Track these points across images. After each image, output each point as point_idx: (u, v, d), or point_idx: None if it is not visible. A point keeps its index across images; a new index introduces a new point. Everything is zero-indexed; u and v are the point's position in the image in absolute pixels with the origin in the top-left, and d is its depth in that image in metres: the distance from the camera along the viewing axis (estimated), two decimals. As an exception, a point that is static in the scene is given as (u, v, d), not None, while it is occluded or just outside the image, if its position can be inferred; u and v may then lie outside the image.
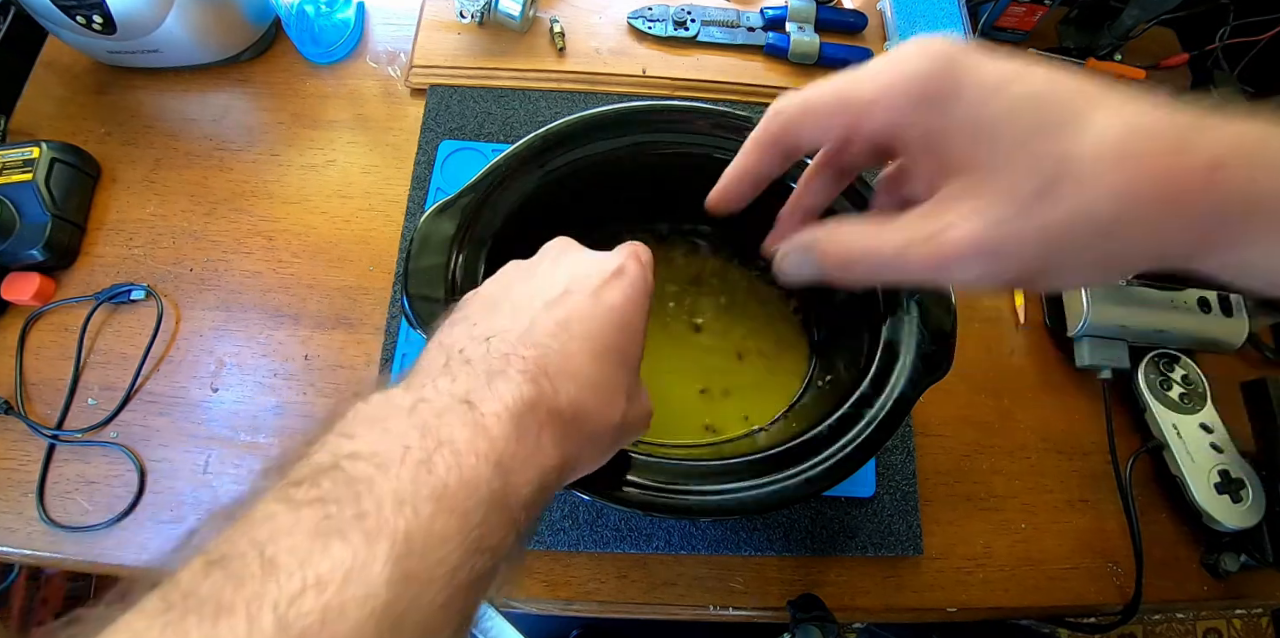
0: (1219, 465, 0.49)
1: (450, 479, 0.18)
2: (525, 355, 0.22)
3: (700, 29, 0.61)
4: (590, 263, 0.28)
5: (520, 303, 0.25)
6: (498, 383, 0.21)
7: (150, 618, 0.14)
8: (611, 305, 0.26)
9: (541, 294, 0.25)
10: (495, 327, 0.24)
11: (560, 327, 0.24)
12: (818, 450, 0.35)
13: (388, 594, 0.15)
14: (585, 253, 0.29)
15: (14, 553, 0.44)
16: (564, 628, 0.79)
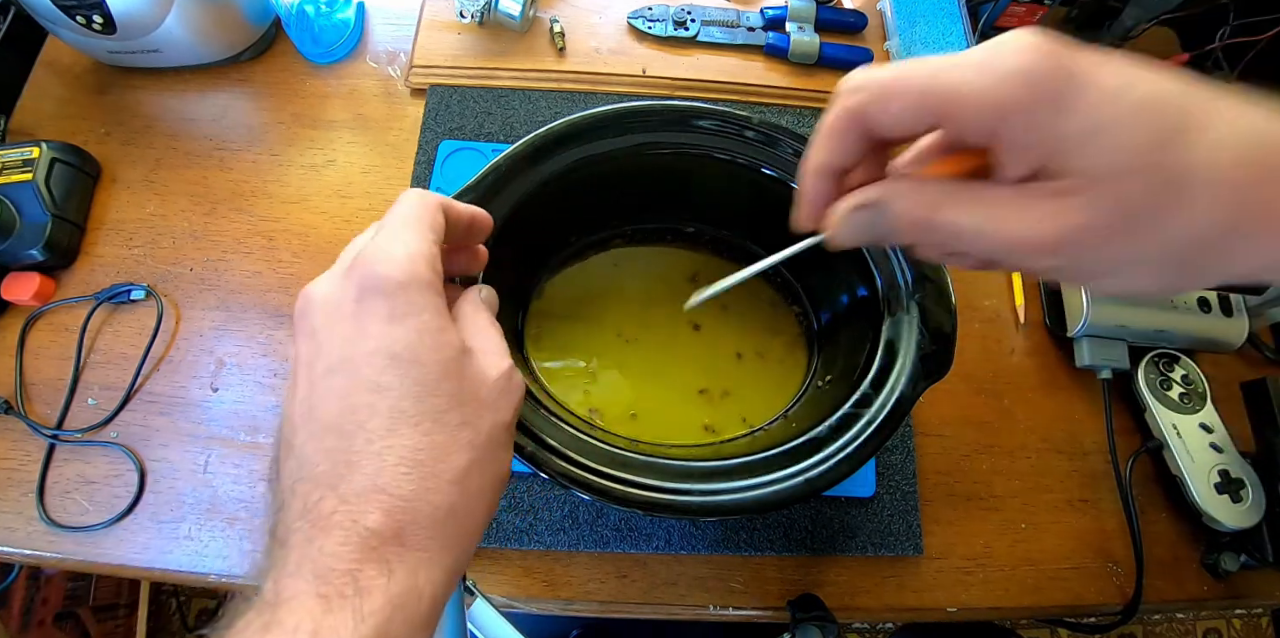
0: (1219, 465, 0.49)
1: None
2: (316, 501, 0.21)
3: (700, 29, 0.61)
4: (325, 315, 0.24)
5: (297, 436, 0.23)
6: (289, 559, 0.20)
7: None
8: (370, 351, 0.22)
9: (305, 407, 0.23)
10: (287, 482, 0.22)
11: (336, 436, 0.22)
12: (818, 450, 0.35)
13: None
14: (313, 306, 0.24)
15: (14, 553, 0.44)
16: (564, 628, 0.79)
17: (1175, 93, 0.18)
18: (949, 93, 0.19)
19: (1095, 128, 0.18)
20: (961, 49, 0.60)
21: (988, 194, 0.20)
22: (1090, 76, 0.18)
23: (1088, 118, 0.18)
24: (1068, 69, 0.18)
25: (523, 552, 0.45)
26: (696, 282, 0.48)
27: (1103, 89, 0.18)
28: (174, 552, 0.44)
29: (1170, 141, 0.18)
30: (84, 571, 0.49)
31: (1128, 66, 0.19)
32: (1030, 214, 0.19)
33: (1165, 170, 0.18)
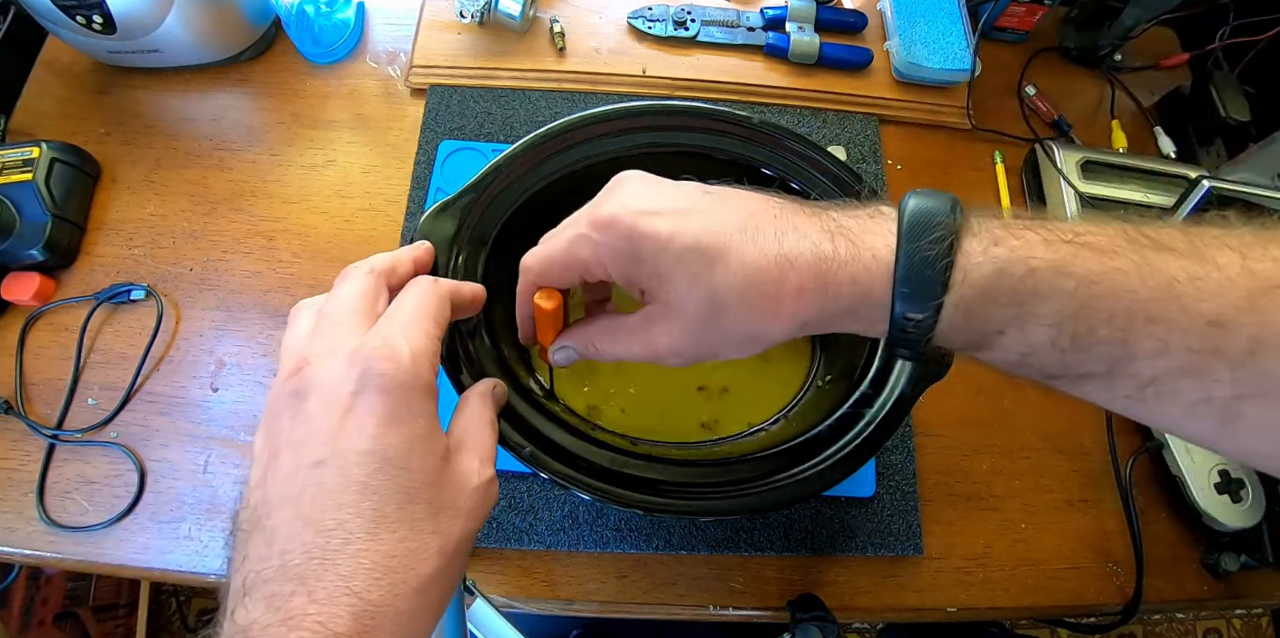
0: (1219, 466, 0.49)
1: None
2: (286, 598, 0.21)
3: (700, 29, 0.61)
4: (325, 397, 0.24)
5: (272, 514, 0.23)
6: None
7: None
8: (365, 449, 0.23)
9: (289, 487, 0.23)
10: (255, 564, 0.22)
11: (314, 531, 0.22)
12: (818, 450, 0.35)
13: None
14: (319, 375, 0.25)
15: (14, 553, 0.44)
16: (564, 628, 0.79)
17: (708, 236, 0.26)
18: (575, 264, 0.29)
19: (655, 272, 0.27)
20: (962, 49, 0.60)
21: (621, 330, 0.30)
22: (649, 231, 0.26)
23: (651, 265, 0.27)
24: (636, 230, 0.26)
25: (523, 552, 0.45)
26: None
27: (657, 241, 0.26)
28: (174, 552, 0.44)
29: (704, 274, 0.26)
30: (84, 571, 0.49)
31: (682, 215, 0.27)
32: (645, 339, 0.29)
33: (705, 294, 0.26)
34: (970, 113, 0.61)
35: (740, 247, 0.26)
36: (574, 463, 0.33)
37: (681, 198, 0.28)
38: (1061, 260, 0.23)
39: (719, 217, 0.27)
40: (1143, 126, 0.66)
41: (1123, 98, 0.67)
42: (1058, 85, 0.66)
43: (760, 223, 0.26)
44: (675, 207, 0.27)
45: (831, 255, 0.25)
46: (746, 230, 0.26)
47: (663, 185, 0.29)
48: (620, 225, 0.27)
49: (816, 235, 0.26)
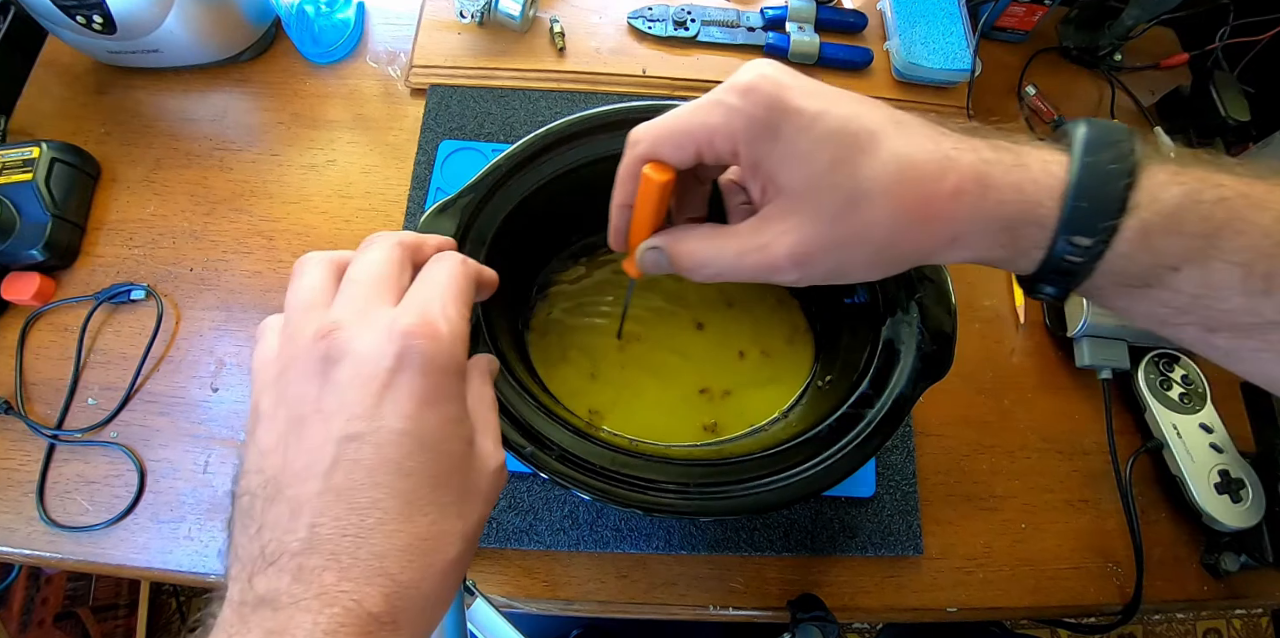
0: (1219, 465, 0.49)
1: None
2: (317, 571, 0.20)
3: (700, 29, 0.61)
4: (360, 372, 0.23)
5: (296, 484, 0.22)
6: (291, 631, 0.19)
7: None
8: (403, 429, 0.22)
9: (317, 460, 0.22)
10: (277, 534, 0.21)
11: (348, 507, 0.21)
12: (818, 450, 0.35)
13: None
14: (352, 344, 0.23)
15: (14, 553, 0.44)
16: (564, 628, 0.79)
17: (856, 124, 0.23)
18: (700, 132, 0.25)
19: (792, 152, 0.24)
20: (962, 49, 0.60)
21: (734, 234, 0.26)
22: (795, 106, 0.24)
23: (788, 143, 0.24)
24: (780, 101, 0.24)
25: (523, 552, 0.45)
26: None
27: (800, 119, 0.24)
28: (174, 552, 0.44)
29: (845, 163, 0.23)
30: (84, 571, 0.49)
31: (830, 96, 0.24)
32: (759, 243, 0.25)
33: (845, 187, 0.23)
34: (970, 113, 0.61)
35: (894, 136, 0.23)
36: (574, 463, 0.33)
37: (825, 87, 0.25)
38: (1255, 194, 0.21)
39: (869, 107, 0.24)
40: (1143, 126, 0.66)
41: (1123, 98, 0.67)
42: (1058, 85, 0.66)
43: (914, 121, 0.24)
44: (820, 90, 0.25)
45: (994, 160, 0.23)
46: (901, 123, 0.24)
47: (799, 72, 0.26)
48: (763, 92, 0.24)
49: (975, 142, 0.24)
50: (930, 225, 0.24)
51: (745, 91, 0.24)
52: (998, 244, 0.24)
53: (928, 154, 0.23)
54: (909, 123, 0.24)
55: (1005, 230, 0.23)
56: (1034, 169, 0.23)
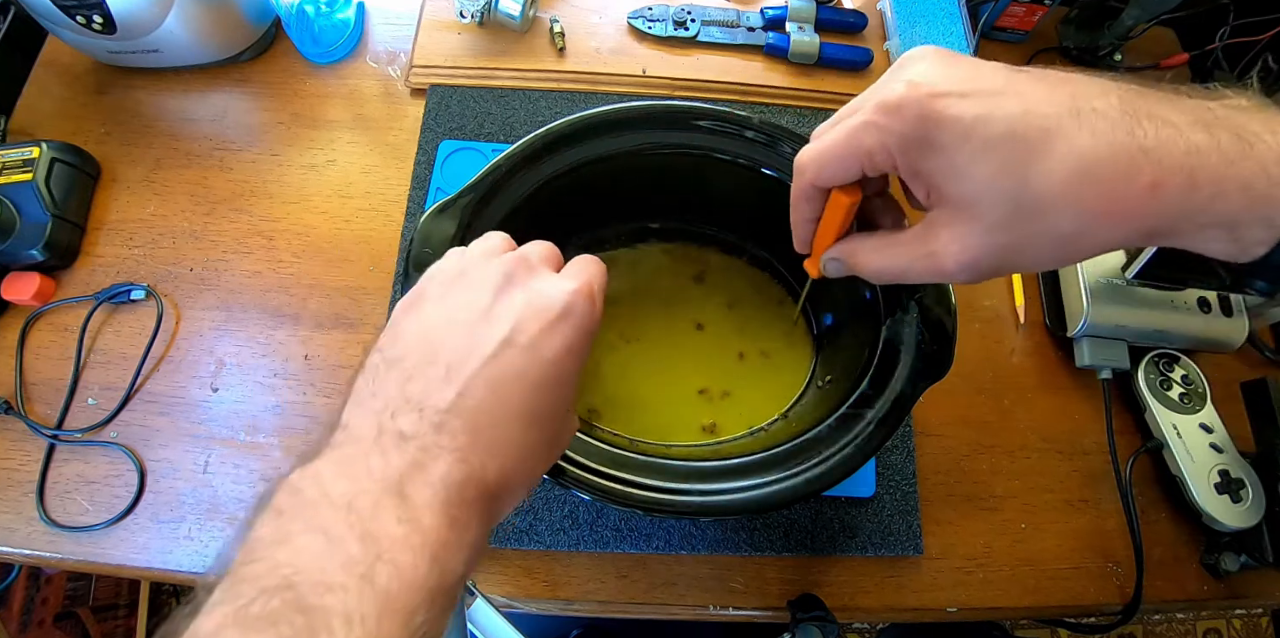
0: (1219, 465, 0.49)
1: (392, 587, 0.19)
2: (457, 431, 0.23)
3: (700, 29, 0.61)
4: (534, 303, 0.25)
5: (456, 358, 0.24)
6: (429, 469, 0.22)
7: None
8: (551, 360, 0.25)
9: (479, 346, 0.24)
10: (428, 389, 0.23)
11: (494, 393, 0.24)
12: (818, 450, 0.35)
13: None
14: (531, 282, 0.26)
15: (14, 553, 0.44)
16: (564, 628, 0.79)
17: (1020, 125, 0.22)
18: (858, 155, 0.25)
19: (951, 164, 0.23)
20: (962, 49, 0.60)
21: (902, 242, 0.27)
22: (950, 116, 0.23)
23: (947, 156, 0.23)
24: (932, 113, 0.23)
25: (523, 552, 0.45)
26: (700, 280, 0.48)
27: (957, 128, 0.23)
28: (174, 552, 0.44)
29: (1012, 171, 0.22)
30: (84, 571, 0.49)
31: (992, 94, 0.23)
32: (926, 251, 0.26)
33: (1017, 195, 0.23)
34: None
35: (1072, 132, 0.21)
36: (574, 463, 0.33)
37: (988, 76, 0.23)
38: None
39: (1040, 97, 0.22)
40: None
41: (1123, 98, 0.66)
42: (1058, 85, 0.66)
43: (1099, 105, 0.22)
44: (981, 86, 0.23)
45: (1209, 149, 0.21)
46: (1081, 113, 0.22)
47: (961, 61, 0.24)
48: (911, 107, 0.23)
49: (1185, 125, 0.21)
50: (1120, 223, 0.22)
51: (894, 110, 0.24)
52: (1210, 239, 0.22)
53: (1114, 148, 0.21)
54: (1093, 111, 0.22)
55: (1221, 227, 0.22)
56: (1265, 158, 0.20)
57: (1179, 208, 0.21)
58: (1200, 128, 0.21)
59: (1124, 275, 0.51)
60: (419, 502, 0.21)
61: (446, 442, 0.22)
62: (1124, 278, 0.51)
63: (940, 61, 0.24)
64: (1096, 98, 0.22)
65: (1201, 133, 0.21)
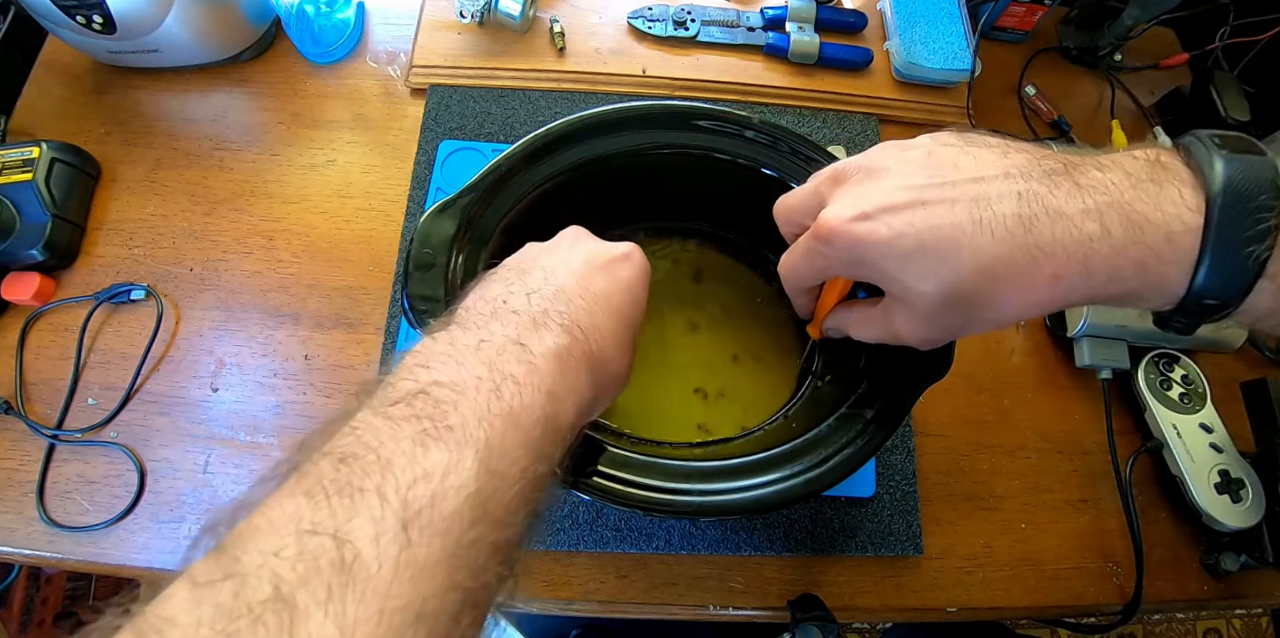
0: (1219, 465, 0.49)
1: (514, 404, 0.22)
2: (560, 310, 0.27)
3: (700, 29, 0.61)
4: (602, 247, 0.32)
5: (549, 270, 0.30)
6: (541, 330, 0.26)
7: (301, 498, 0.18)
8: (622, 278, 0.31)
9: (565, 265, 0.30)
10: (531, 285, 0.28)
11: (584, 288, 0.29)
12: (818, 450, 0.35)
13: (476, 485, 0.20)
14: (597, 240, 0.33)
15: (14, 553, 0.44)
16: (564, 628, 0.79)
17: (933, 233, 0.25)
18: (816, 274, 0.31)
19: (884, 275, 0.27)
20: (962, 49, 0.60)
21: (868, 319, 0.32)
22: (872, 240, 0.26)
23: (878, 269, 0.27)
24: (856, 241, 0.27)
25: (523, 551, 0.45)
26: (697, 280, 0.48)
27: (878, 249, 0.26)
28: (174, 552, 0.44)
29: (935, 272, 0.25)
30: (84, 571, 0.49)
31: (899, 215, 0.26)
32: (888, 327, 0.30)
33: (941, 293, 0.26)
34: (970, 113, 0.61)
35: (974, 240, 0.24)
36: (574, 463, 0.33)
37: (901, 186, 0.26)
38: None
39: (945, 208, 0.25)
40: (1143, 126, 0.66)
41: (1123, 98, 0.67)
42: (1058, 85, 0.66)
43: (1000, 208, 0.24)
44: (894, 201, 0.26)
45: (1100, 237, 0.23)
46: (981, 221, 0.24)
47: (881, 174, 0.27)
48: (839, 238, 0.27)
49: (1078, 216, 0.23)
50: (1035, 305, 0.25)
51: (825, 240, 0.28)
52: (1114, 301, 0.25)
53: (1012, 248, 0.24)
54: (993, 215, 0.24)
55: (1124, 296, 0.25)
56: (1153, 242, 0.23)
57: (1081, 291, 0.24)
58: (1093, 217, 0.23)
59: (1124, 275, 0.51)
60: (535, 351, 0.24)
61: (554, 317, 0.26)
62: (1124, 278, 0.51)
63: (862, 180, 0.28)
64: (997, 201, 0.25)
65: (1094, 223, 0.23)
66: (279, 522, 0.17)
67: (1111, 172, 0.24)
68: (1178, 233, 0.23)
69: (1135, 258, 0.23)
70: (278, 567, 0.16)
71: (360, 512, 0.18)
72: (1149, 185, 0.23)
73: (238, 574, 0.16)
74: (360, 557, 0.17)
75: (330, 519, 0.17)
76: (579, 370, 0.26)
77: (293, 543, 0.17)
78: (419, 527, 0.18)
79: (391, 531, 0.17)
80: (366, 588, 0.16)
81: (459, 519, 0.19)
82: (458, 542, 0.18)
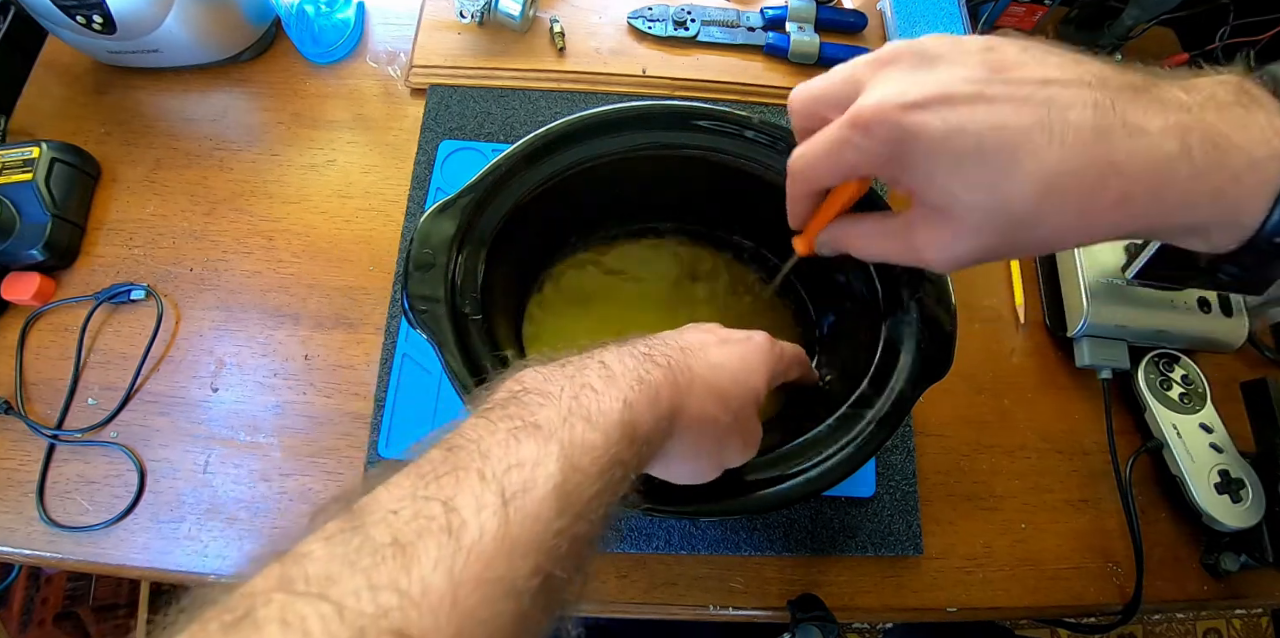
0: (1219, 465, 0.49)
1: (592, 408, 0.24)
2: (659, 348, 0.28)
3: (700, 29, 0.61)
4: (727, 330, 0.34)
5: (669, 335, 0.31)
6: (624, 356, 0.27)
7: (415, 478, 0.20)
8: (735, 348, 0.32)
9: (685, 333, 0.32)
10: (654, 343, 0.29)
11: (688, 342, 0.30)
12: (818, 450, 0.35)
13: (560, 477, 0.21)
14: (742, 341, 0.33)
15: (14, 553, 0.44)
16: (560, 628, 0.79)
17: (996, 135, 0.22)
18: (842, 167, 0.27)
19: (925, 176, 0.24)
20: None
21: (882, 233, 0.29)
22: (920, 132, 0.23)
23: (921, 171, 0.24)
24: (903, 131, 0.23)
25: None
26: (696, 279, 0.48)
27: (928, 144, 0.23)
28: (174, 552, 0.44)
29: (988, 181, 0.23)
30: (84, 571, 0.49)
31: (958, 109, 0.23)
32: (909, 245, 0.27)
33: (990, 207, 0.24)
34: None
35: (1040, 149, 0.22)
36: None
37: (962, 78, 0.23)
38: None
39: (1010, 108, 0.22)
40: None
41: (1123, 98, 0.66)
42: (1058, 85, 0.66)
43: (1073, 116, 0.22)
44: (953, 92, 0.23)
45: (1180, 157, 0.21)
46: (1051, 128, 0.22)
47: (939, 59, 0.24)
48: (883, 126, 0.24)
49: (1158, 134, 0.21)
50: (1091, 231, 0.23)
51: (866, 128, 0.24)
52: (1179, 237, 0.24)
53: (1084, 162, 0.22)
54: (1065, 123, 0.22)
55: (1192, 230, 0.23)
56: (1235, 167, 0.21)
57: (1146, 217, 0.23)
58: (1173, 136, 0.21)
59: (1124, 275, 0.51)
60: (615, 369, 0.26)
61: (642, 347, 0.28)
62: (1124, 278, 0.51)
63: (913, 65, 0.24)
64: (1070, 108, 0.22)
65: (1174, 141, 0.21)
66: (397, 492, 0.20)
67: (1196, 93, 0.22)
68: (1262, 159, 0.21)
69: (1214, 184, 0.21)
70: (395, 522, 0.18)
71: (464, 489, 0.20)
72: (1235, 108, 0.21)
73: (362, 527, 0.18)
74: (466, 525, 0.19)
75: (440, 492, 0.19)
76: (660, 388, 0.26)
77: (409, 506, 0.19)
78: (515, 507, 0.20)
79: (492, 506, 0.19)
80: (470, 554, 0.18)
81: (547, 506, 0.20)
82: (546, 528, 0.20)
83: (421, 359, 0.48)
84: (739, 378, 0.31)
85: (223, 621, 0.16)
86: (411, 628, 0.16)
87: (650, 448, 0.26)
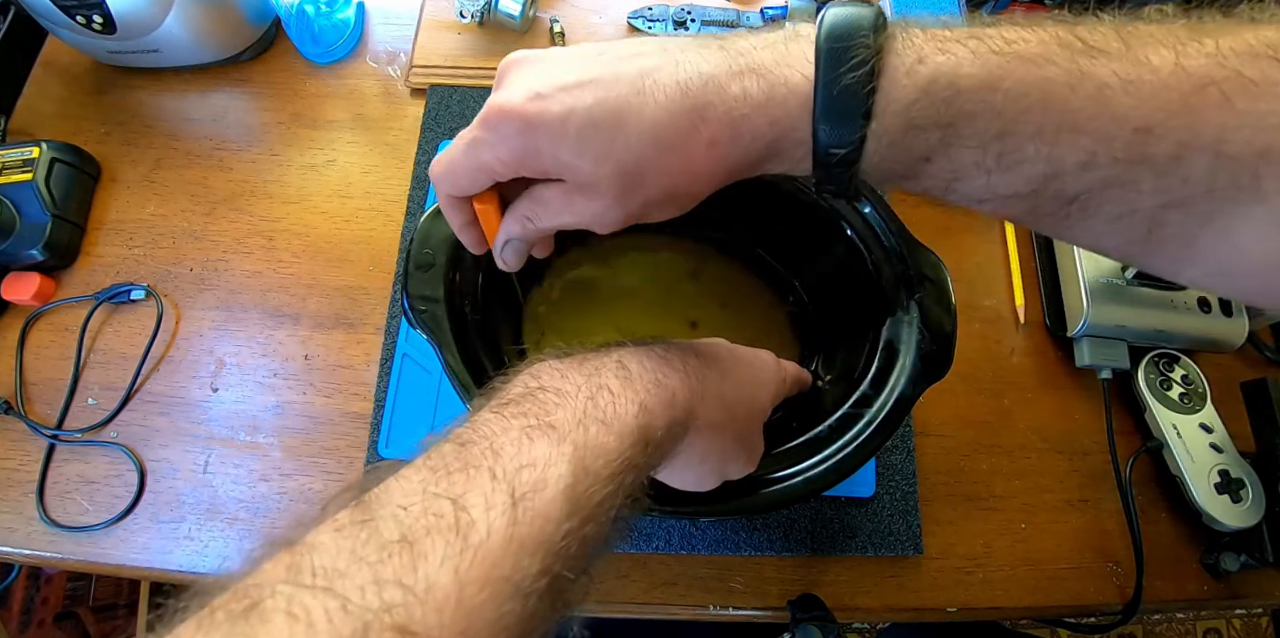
0: (1219, 465, 0.49)
1: (608, 411, 0.24)
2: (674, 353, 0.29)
3: (700, 29, 0.61)
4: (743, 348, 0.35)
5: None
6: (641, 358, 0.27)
7: (427, 473, 0.20)
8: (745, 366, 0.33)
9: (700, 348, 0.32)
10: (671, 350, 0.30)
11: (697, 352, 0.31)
12: (818, 450, 0.35)
13: (570, 478, 0.21)
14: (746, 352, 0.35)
15: (14, 553, 0.44)
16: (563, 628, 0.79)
17: (601, 106, 0.24)
18: (481, 170, 0.27)
19: (560, 161, 0.25)
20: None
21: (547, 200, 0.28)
22: (541, 120, 0.25)
23: (552, 155, 0.25)
24: (526, 123, 0.25)
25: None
26: (695, 279, 0.48)
27: (551, 129, 0.25)
28: (174, 552, 0.44)
29: (608, 150, 0.25)
30: (84, 571, 0.49)
31: (569, 93, 0.25)
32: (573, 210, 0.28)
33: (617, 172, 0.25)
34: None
35: (639, 109, 0.24)
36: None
37: (570, 70, 0.26)
38: (989, 75, 0.22)
39: (612, 81, 0.25)
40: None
41: (1123, 98, 0.66)
42: (1058, 85, 0.66)
43: (661, 76, 0.24)
44: (564, 81, 0.25)
45: (741, 98, 0.24)
46: (644, 89, 0.24)
47: (547, 59, 0.27)
48: (510, 119, 0.25)
49: (725, 78, 0.24)
50: (700, 175, 0.26)
51: (494, 123, 0.26)
52: (772, 165, 0.26)
53: (674, 114, 0.24)
54: (654, 84, 0.24)
55: (770, 156, 0.25)
56: (779, 96, 0.24)
57: (736, 153, 0.25)
58: (736, 79, 0.24)
59: (1124, 275, 0.51)
60: (633, 370, 0.26)
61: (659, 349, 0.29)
62: (1124, 278, 0.51)
63: (528, 65, 0.26)
64: (658, 70, 0.24)
65: (736, 84, 0.24)
66: (408, 486, 0.20)
67: (757, 38, 0.25)
68: (796, 82, 0.23)
69: (772, 115, 0.24)
70: (404, 518, 0.19)
71: (475, 487, 0.20)
72: (779, 45, 0.24)
73: (372, 521, 0.18)
74: (474, 524, 0.19)
75: (450, 489, 0.20)
76: (676, 392, 0.27)
77: (419, 501, 0.19)
78: (525, 507, 0.20)
79: (501, 505, 0.19)
80: (477, 553, 0.18)
81: (557, 508, 0.20)
82: (555, 530, 0.20)
83: (421, 359, 0.48)
84: (749, 392, 0.31)
85: (230, 610, 0.16)
86: (415, 625, 0.16)
87: (662, 452, 0.26)
